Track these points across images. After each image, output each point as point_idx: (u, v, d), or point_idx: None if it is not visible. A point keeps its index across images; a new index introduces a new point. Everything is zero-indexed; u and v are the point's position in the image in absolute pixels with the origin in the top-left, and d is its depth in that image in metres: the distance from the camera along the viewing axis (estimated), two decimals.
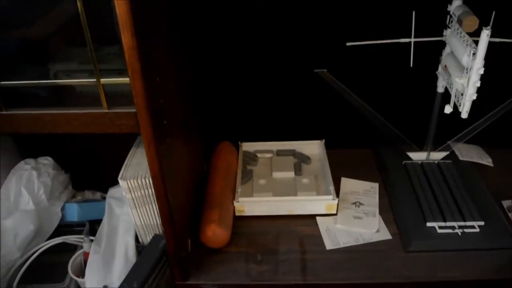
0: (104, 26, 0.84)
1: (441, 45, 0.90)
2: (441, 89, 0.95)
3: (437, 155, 1.06)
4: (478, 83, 0.75)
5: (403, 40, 0.89)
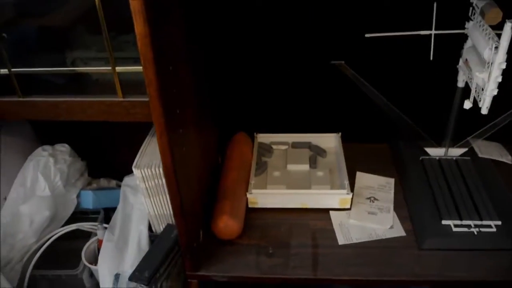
0: (120, 14, 0.84)
1: (462, 38, 0.88)
2: (461, 84, 0.93)
3: (456, 151, 1.04)
4: (499, 78, 0.73)
5: (424, 32, 0.86)
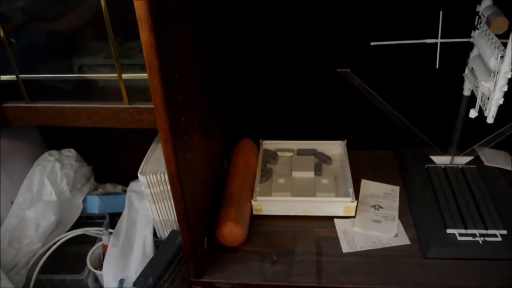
0: (127, 21, 0.85)
1: (468, 46, 0.87)
2: (467, 92, 0.93)
3: (461, 160, 1.03)
4: (505, 87, 0.73)
5: (429, 40, 0.86)
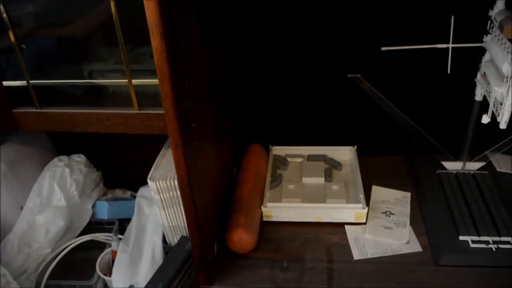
0: (137, 27, 0.85)
1: (480, 51, 0.87)
2: (479, 97, 0.92)
3: (473, 165, 1.02)
4: None
5: (441, 45, 0.86)
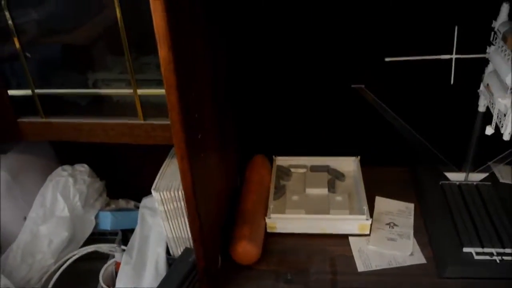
0: (143, 36, 0.85)
1: (484, 62, 0.87)
2: (482, 108, 0.92)
3: (476, 177, 1.02)
4: None
5: (444, 56, 0.86)
